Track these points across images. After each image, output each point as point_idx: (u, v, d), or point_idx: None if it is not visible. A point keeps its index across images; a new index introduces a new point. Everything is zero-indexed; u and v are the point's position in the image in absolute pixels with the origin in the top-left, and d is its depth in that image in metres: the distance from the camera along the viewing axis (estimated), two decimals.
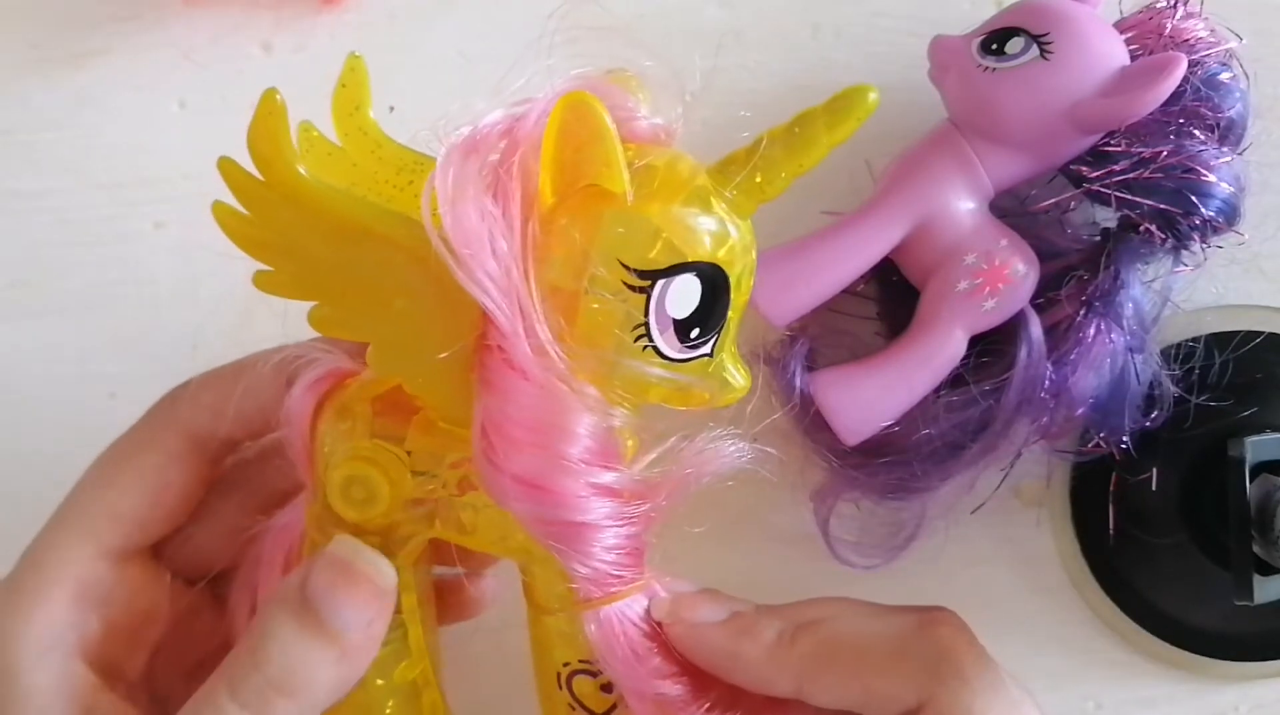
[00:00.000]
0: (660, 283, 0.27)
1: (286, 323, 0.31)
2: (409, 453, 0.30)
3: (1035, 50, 0.36)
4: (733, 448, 0.30)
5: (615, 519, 0.28)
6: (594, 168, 0.26)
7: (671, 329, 0.27)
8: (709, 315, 0.28)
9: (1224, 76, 0.38)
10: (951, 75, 0.38)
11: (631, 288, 0.27)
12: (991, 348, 0.38)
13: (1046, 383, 0.37)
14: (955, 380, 0.38)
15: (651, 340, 0.27)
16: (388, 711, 0.32)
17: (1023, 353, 0.37)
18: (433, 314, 0.28)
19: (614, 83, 0.29)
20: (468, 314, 0.27)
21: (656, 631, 0.30)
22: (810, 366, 0.39)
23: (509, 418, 0.27)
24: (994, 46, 0.37)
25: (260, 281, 0.29)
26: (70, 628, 0.31)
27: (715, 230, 0.28)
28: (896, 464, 0.39)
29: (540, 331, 0.27)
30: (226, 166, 0.28)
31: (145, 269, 0.43)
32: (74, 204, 0.44)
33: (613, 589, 0.29)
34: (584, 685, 0.31)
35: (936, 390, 0.38)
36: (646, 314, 0.27)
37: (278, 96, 0.28)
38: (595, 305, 0.27)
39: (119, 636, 0.32)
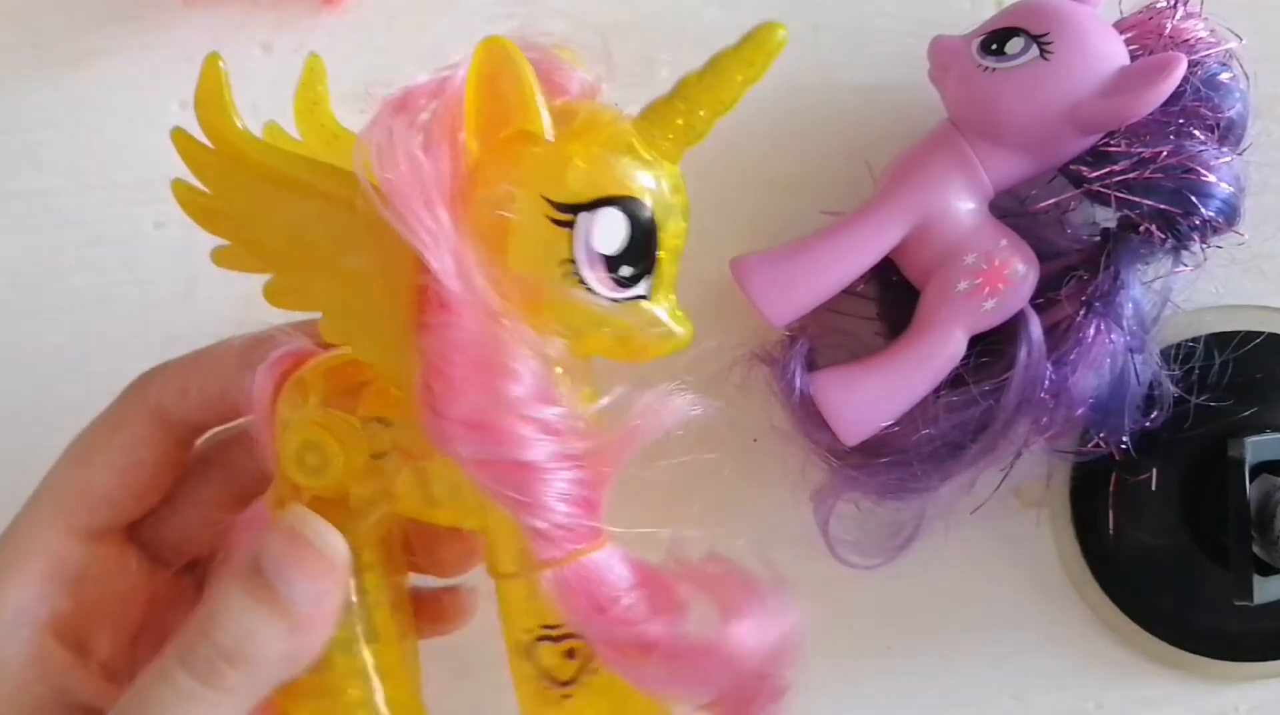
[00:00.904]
0: (583, 216, 0.28)
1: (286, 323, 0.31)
2: (363, 421, 0.31)
3: (1035, 50, 0.36)
4: (682, 400, 0.30)
5: (561, 461, 0.28)
6: (513, 110, 0.27)
7: (602, 265, 0.28)
8: (638, 252, 0.28)
9: (1224, 76, 0.38)
10: (951, 75, 0.38)
11: (556, 223, 0.27)
12: (991, 348, 0.38)
13: (1046, 383, 0.37)
14: (955, 380, 0.38)
15: (581, 276, 0.28)
16: (350, 694, 0.32)
17: (1023, 353, 0.37)
18: (373, 267, 0.28)
19: (552, 50, 0.30)
20: (406, 263, 0.28)
21: (622, 579, 0.30)
22: (810, 366, 0.39)
23: (446, 360, 0.27)
24: (994, 47, 0.37)
25: (218, 258, 0.30)
26: (40, 602, 0.31)
27: (638, 168, 0.28)
28: (896, 464, 0.39)
29: (470, 269, 0.27)
30: (178, 136, 0.29)
31: (145, 269, 0.43)
32: (74, 204, 0.44)
33: (570, 547, 0.29)
34: (546, 653, 0.31)
35: (936, 390, 0.38)
36: (573, 248, 0.28)
37: (220, 62, 0.28)
38: (523, 242, 0.28)
39: (91, 615, 0.32)
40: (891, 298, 0.41)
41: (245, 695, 0.28)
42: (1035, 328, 0.38)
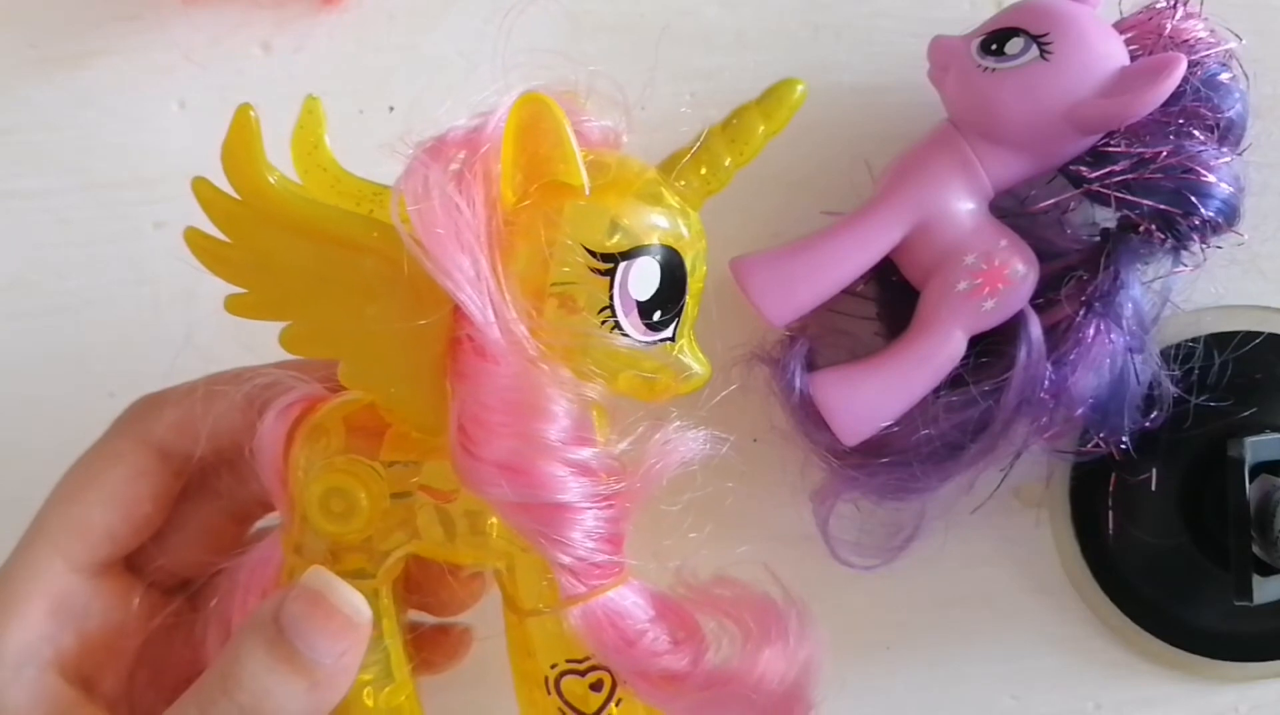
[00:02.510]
0: (622, 266, 0.29)
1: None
2: (386, 464, 0.31)
3: (1035, 50, 0.36)
4: (699, 436, 0.31)
5: (593, 500, 0.29)
6: (551, 163, 0.28)
7: (635, 311, 0.29)
8: (668, 297, 0.30)
9: (1224, 77, 0.38)
10: (951, 75, 0.38)
11: (595, 272, 0.29)
12: (991, 348, 0.38)
13: (1046, 383, 0.37)
14: (955, 380, 0.38)
15: (617, 322, 0.29)
16: None
17: (1022, 353, 0.37)
18: (405, 316, 0.29)
19: (574, 98, 0.31)
20: (439, 312, 0.28)
21: (644, 611, 0.31)
22: (810, 366, 0.39)
23: (483, 405, 0.28)
24: (994, 47, 0.37)
25: (233, 306, 0.30)
26: (45, 642, 0.31)
27: (668, 218, 0.30)
28: (896, 464, 0.39)
29: (509, 317, 0.28)
30: (200, 186, 0.29)
31: (145, 269, 0.43)
32: (74, 204, 0.44)
33: (595, 583, 0.30)
34: (573, 686, 0.31)
35: (936, 390, 0.38)
36: (611, 296, 0.29)
37: (251, 113, 0.29)
38: (562, 291, 0.29)
39: (95, 650, 0.32)
40: (891, 298, 0.41)
41: None
42: (1035, 328, 0.38)
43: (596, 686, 0.31)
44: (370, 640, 0.31)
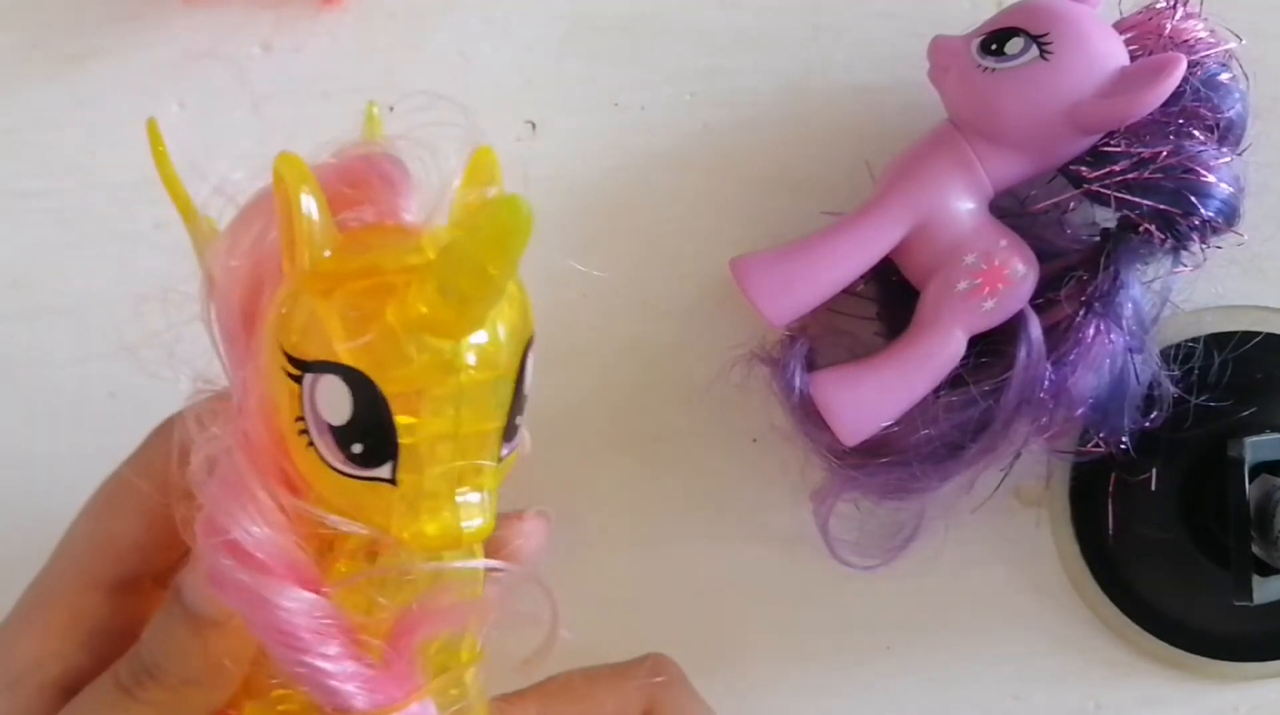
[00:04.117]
0: (308, 377, 0.24)
1: None
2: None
3: (1035, 50, 0.36)
4: (493, 599, 0.27)
5: (327, 636, 0.26)
6: (292, 235, 0.24)
7: (329, 434, 0.24)
8: (368, 431, 0.24)
9: (1223, 77, 0.38)
10: (951, 75, 0.38)
11: (288, 374, 0.24)
12: (991, 348, 0.38)
13: (1046, 383, 0.37)
14: (955, 380, 0.38)
15: (311, 441, 0.24)
16: None
17: (1022, 353, 0.37)
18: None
19: (475, 161, 0.27)
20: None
21: None
22: (810, 366, 0.39)
23: (213, 503, 0.26)
24: (994, 47, 0.37)
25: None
26: (53, 658, 0.30)
27: (387, 338, 0.23)
28: (896, 464, 0.39)
29: (239, 407, 0.25)
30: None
31: (145, 269, 0.43)
32: (74, 204, 0.44)
33: (358, 711, 0.26)
34: None
35: (936, 390, 0.38)
36: (302, 408, 0.24)
37: (155, 122, 0.28)
38: (271, 384, 0.25)
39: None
40: (891, 298, 0.41)
41: (166, 710, 0.29)
42: (1035, 328, 0.38)
43: None
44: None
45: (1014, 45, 0.36)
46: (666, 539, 0.44)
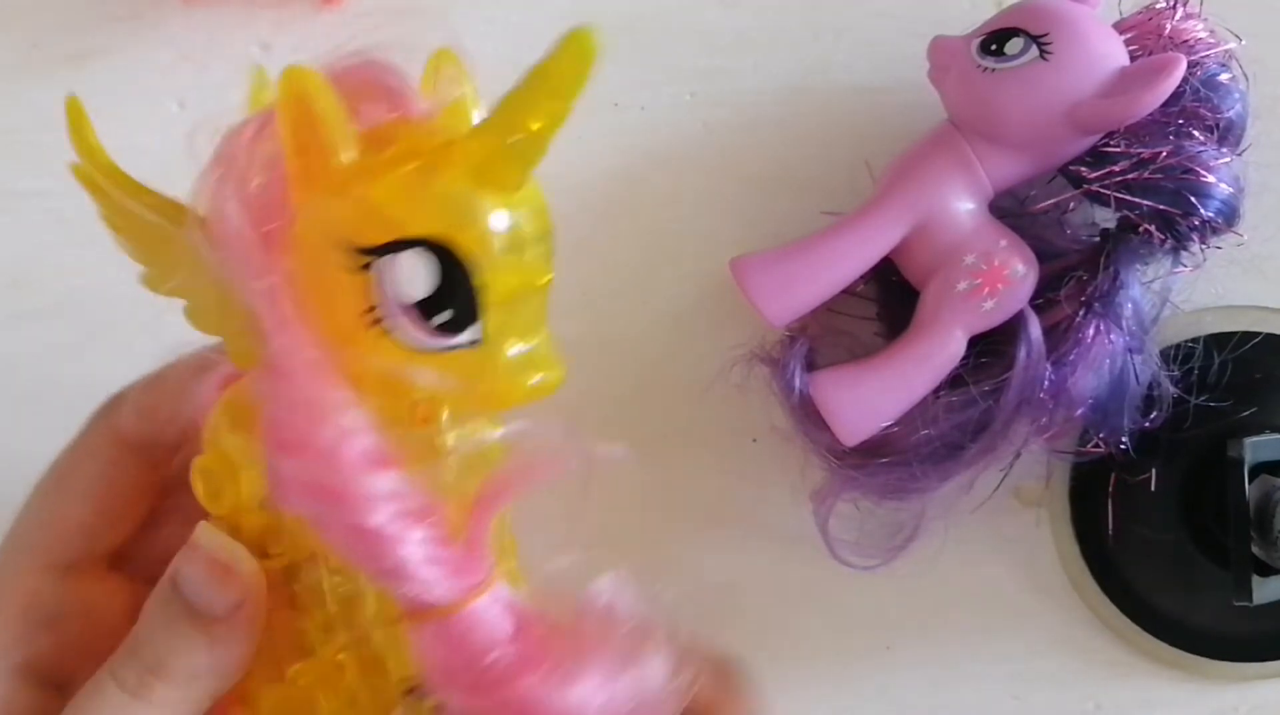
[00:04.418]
0: (382, 260, 0.25)
1: None
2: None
3: (1034, 51, 0.36)
4: (572, 448, 0.27)
5: (409, 523, 0.26)
6: (314, 144, 0.25)
7: (412, 314, 0.25)
8: (454, 295, 0.25)
9: (1223, 77, 0.38)
10: (951, 76, 0.38)
11: (356, 268, 0.25)
12: (991, 348, 0.38)
13: (1046, 383, 0.37)
14: (954, 381, 0.38)
15: (388, 326, 0.25)
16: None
17: (1022, 353, 0.37)
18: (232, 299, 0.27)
19: (434, 61, 0.28)
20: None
21: (488, 634, 0.27)
22: (810, 366, 0.39)
23: (275, 420, 0.26)
24: (993, 47, 0.37)
25: (143, 279, 0.30)
26: (16, 644, 0.31)
27: (451, 198, 0.25)
28: (896, 464, 0.39)
29: (290, 327, 0.25)
30: (75, 168, 0.29)
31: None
32: (74, 204, 0.43)
33: (434, 603, 0.26)
34: (415, 707, 0.29)
35: (936, 391, 0.38)
36: (375, 297, 0.25)
37: (79, 102, 0.28)
38: (326, 293, 0.25)
39: (73, 651, 0.32)
40: (891, 298, 0.41)
41: (176, 707, 0.29)
42: (1035, 328, 0.38)
43: (439, 710, 0.28)
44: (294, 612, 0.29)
45: (1014, 45, 0.36)
46: (666, 539, 0.44)
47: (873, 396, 0.38)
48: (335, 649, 0.33)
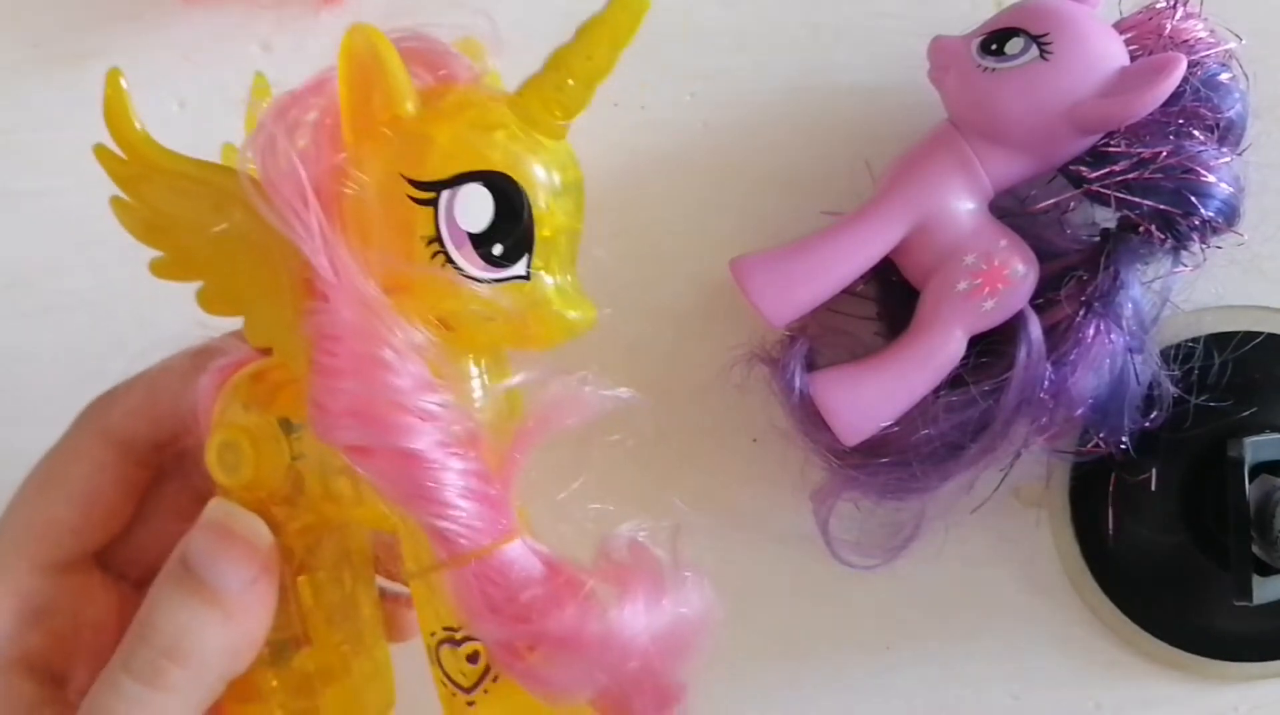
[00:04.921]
0: (445, 193, 0.27)
1: None
2: (280, 421, 0.31)
3: (1035, 51, 0.36)
4: (603, 390, 0.29)
5: (451, 452, 0.27)
6: (381, 95, 0.27)
7: (469, 244, 0.27)
8: (508, 228, 0.27)
9: (1223, 77, 0.38)
10: (951, 76, 0.38)
11: (417, 201, 0.27)
12: (991, 348, 0.38)
13: (1046, 383, 0.37)
14: (955, 381, 0.38)
15: (449, 256, 0.27)
16: (282, 698, 0.32)
17: (1022, 353, 0.37)
18: (269, 263, 0.28)
19: (459, 46, 0.30)
20: (293, 259, 0.28)
21: (520, 575, 0.28)
22: (810, 366, 0.39)
23: (324, 350, 0.27)
24: (993, 47, 0.37)
25: (155, 268, 0.30)
26: (10, 642, 0.31)
27: (508, 144, 0.28)
28: (896, 464, 0.39)
29: (343, 258, 0.27)
30: (100, 152, 0.30)
31: (145, 269, 0.43)
32: (74, 204, 0.44)
33: (470, 545, 0.28)
34: (449, 657, 0.30)
35: (936, 391, 0.38)
36: (436, 227, 0.27)
37: (120, 77, 0.30)
38: (386, 223, 0.27)
39: (65, 646, 0.32)
40: (891, 298, 0.41)
41: (191, 692, 0.29)
42: (1035, 328, 0.38)
43: (473, 659, 0.29)
44: (277, 602, 0.30)
45: (1014, 45, 0.36)
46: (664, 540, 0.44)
47: (873, 396, 0.38)
48: (339, 639, 0.33)
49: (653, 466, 0.43)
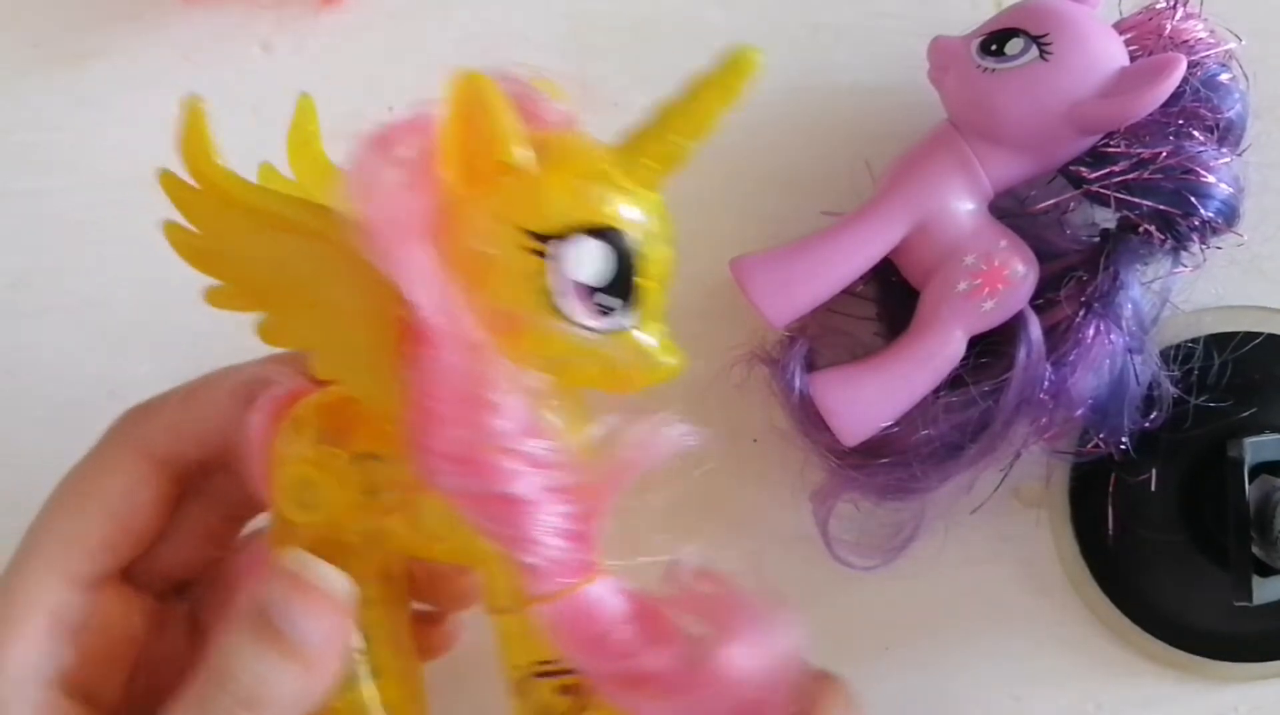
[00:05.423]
0: (561, 245, 0.28)
1: None
2: (356, 457, 0.31)
3: (1035, 51, 0.36)
4: (676, 430, 0.30)
5: (550, 494, 0.28)
6: (490, 143, 0.27)
7: (581, 295, 0.28)
8: (618, 281, 0.28)
9: (1223, 77, 0.38)
10: (951, 76, 0.38)
11: (532, 252, 0.27)
12: (991, 348, 0.38)
13: (1046, 384, 0.37)
14: (954, 381, 0.38)
15: (559, 307, 0.28)
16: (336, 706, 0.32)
17: (1022, 353, 0.37)
18: (357, 303, 0.29)
19: (533, 84, 0.30)
20: (389, 298, 0.28)
21: (616, 610, 0.29)
22: (810, 366, 0.39)
23: (429, 394, 0.27)
24: (993, 47, 0.37)
25: (212, 297, 0.30)
26: (46, 659, 0.31)
27: (616, 197, 0.28)
28: (896, 465, 0.39)
29: (449, 302, 0.27)
30: (166, 179, 0.30)
31: (146, 269, 0.43)
32: (74, 204, 0.44)
33: (562, 581, 0.29)
34: (542, 689, 0.30)
35: (936, 391, 0.38)
36: (551, 278, 0.28)
37: (201, 104, 0.29)
38: (501, 274, 0.28)
39: (96, 663, 0.32)
40: (891, 298, 0.41)
41: None
42: (1035, 328, 0.38)
43: (565, 691, 0.30)
44: (356, 634, 0.30)
45: (1014, 46, 0.36)
46: (666, 541, 0.44)
47: (872, 397, 0.38)
48: (400, 664, 0.33)
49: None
